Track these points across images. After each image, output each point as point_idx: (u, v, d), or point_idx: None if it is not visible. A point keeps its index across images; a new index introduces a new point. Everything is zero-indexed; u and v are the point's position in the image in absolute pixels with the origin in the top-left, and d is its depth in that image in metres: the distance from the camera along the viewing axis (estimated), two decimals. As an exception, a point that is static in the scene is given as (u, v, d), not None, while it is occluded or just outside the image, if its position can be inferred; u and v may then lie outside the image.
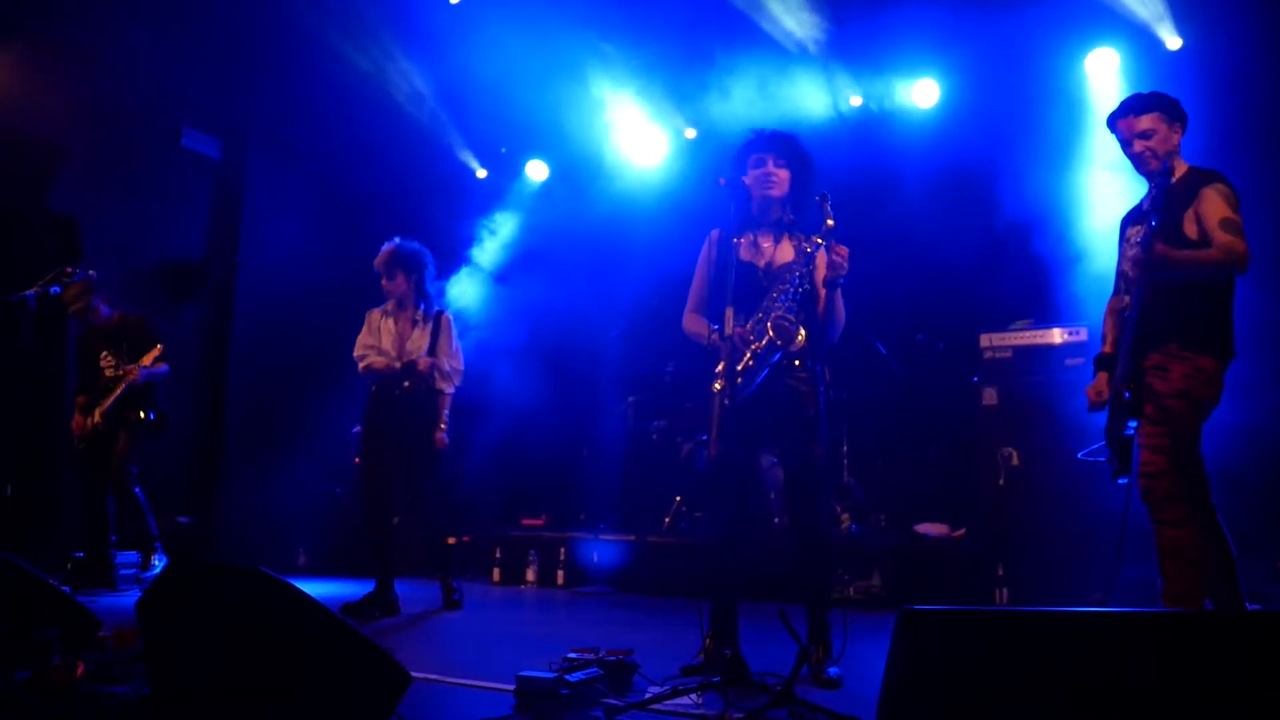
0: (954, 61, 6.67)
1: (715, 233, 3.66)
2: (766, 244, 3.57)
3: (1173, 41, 5.97)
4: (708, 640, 3.46)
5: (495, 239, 8.53)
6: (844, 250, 3.39)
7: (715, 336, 3.38)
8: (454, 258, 8.45)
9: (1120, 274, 3.49)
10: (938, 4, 6.09)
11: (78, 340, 6.04)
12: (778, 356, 3.38)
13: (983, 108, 6.54)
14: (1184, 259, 3.14)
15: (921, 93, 6.86)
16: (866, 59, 6.78)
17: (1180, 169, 3.40)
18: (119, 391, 5.67)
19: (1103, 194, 5.81)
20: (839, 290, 3.51)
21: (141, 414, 5.81)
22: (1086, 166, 5.94)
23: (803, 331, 3.40)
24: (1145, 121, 3.38)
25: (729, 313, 3.30)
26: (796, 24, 6.57)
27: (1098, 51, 6.20)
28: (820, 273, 3.50)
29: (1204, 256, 3.14)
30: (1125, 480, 3.34)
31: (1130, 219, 3.57)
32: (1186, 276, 3.19)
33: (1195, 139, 3.56)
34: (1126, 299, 3.36)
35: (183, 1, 6.30)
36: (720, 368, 3.37)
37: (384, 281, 5.17)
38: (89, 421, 5.76)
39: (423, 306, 5.22)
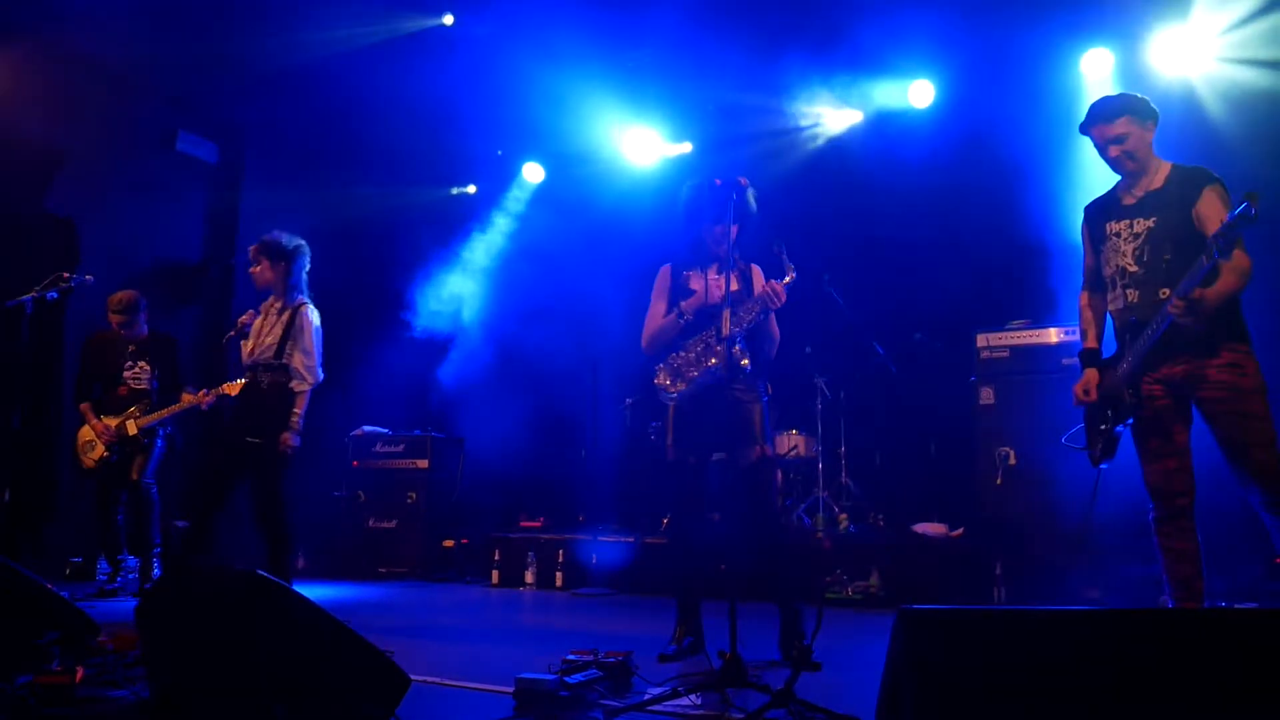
0: (950, 62, 6.68)
1: (667, 266, 4.17)
2: (714, 277, 4.04)
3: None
4: (679, 629, 3.95)
5: (492, 240, 8.55)
6: (781, 293, 3.87)
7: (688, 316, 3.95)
8: (450, 259, 8.47)
9: (1119, 270, 3.42)
10: (934, 5, 6.10)
11: (93, 346, 5.99)
12: (725, 376, 3.81)
13: (979, 108, 6.55)
14: (1218, 300, 3.13)
15: (918, 93, 6.87)
16: (862, 60, 6.79)
17: (1162, 168, 3.41)
18: (176, 409, 5.67)
19: (1098, 192, 5.83)
20: (772, 315, 3.98)
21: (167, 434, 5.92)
22: (1083, 165, 5.95)
23: (746, 359, 3.86)
24: (1118, 126, 3.38)
25: (726, 313, 3.61)
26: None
27: (1093, 52, 6.22)
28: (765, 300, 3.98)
29: (1233, 289, 3.15)
30: (1105, 466, 3.51)
31: (1107, 213, 3.52)
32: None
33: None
34: (1133, 294, 3.35)
35: (180, 5, 6.28)
36: (666, 370, 3.95)
37: (251, 269, 5.00)
38: (115, 429, 5.74)
39: (285, 300, 4.97)
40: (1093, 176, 5.87)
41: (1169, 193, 3.34)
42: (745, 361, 3.81)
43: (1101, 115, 3.42)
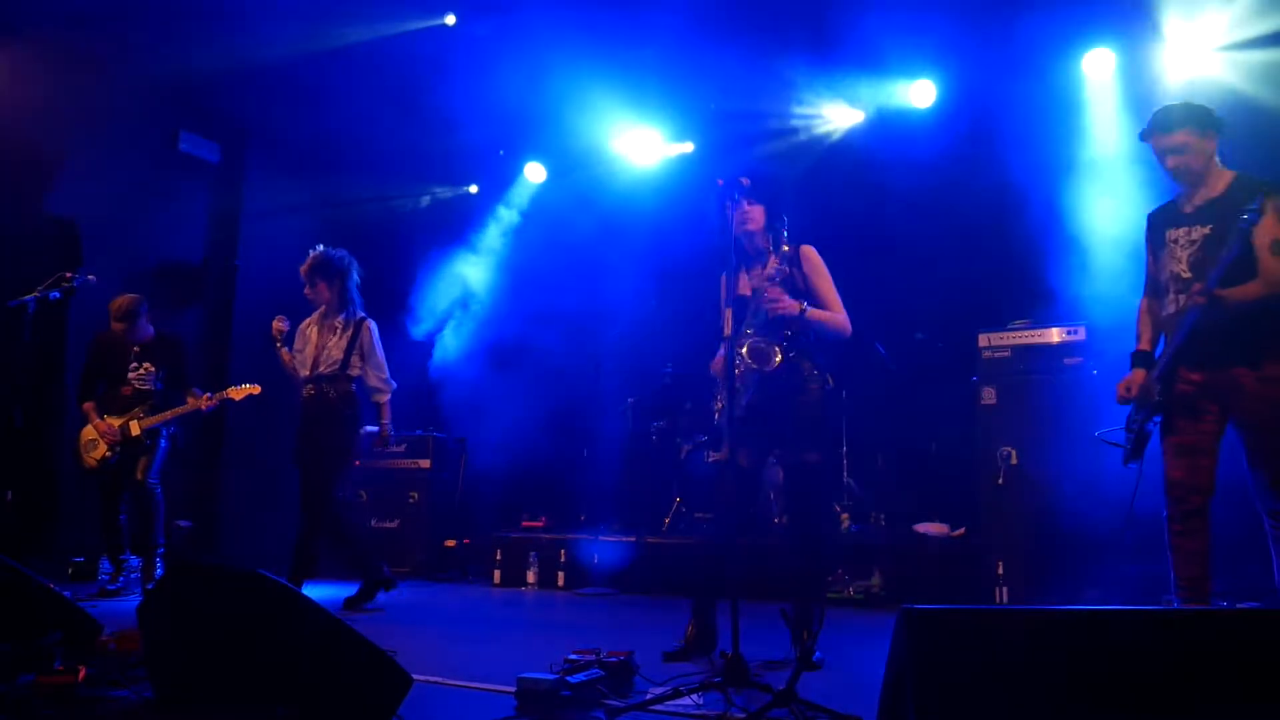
0: (951, 61, 6.67)
1: (723, 277, 3.94)
2: (755, 272, 3.87)
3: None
4: (690, 628, 3.82)
5: (494, 240, 8.56)
6: (780, 298, 3.64)
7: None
8: (451, 259, 8.48)
9: (1173, 276, 3.42)
10: (936, 5, 6.10)
11: (99, 345, 5.95)
12: (759, 376, 3.64)
13: (981, 108, 6.55)
14: (1236, 300, 3.16)
15: (919, 93, 6.87)
16: (863, 60, 6.79)
17: (1224, 177, 3.39)
18: (180, 412, 5.69)
19: (1100, 192, 5.83)
20: (810, 310, 3.68)
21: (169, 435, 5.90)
22: (1084, 166, 5.95)
23: (778, 351, 3.63)
24: (1177, 137, 3.38)
25: (728, 314, 3.56)
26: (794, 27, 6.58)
27: (1095, 51, 6.21)
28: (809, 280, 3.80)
29: (1255, 296, 3.17)
30: (1135, 465, 3.48)
31: (1167, 220, 3.52)
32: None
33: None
34: (1182, 299, 3.35)
35: (181, 4, 6.29)
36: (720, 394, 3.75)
37: (306, 290, 5.21)
38: (118, 429, 5.72)
39: (344, 315, 5.18)
40: (1094, 177, 5.89)
41: (1228, 202, 3.32)
42: (779, 358, 3.62)
43: (1161, 125, 3.43)
